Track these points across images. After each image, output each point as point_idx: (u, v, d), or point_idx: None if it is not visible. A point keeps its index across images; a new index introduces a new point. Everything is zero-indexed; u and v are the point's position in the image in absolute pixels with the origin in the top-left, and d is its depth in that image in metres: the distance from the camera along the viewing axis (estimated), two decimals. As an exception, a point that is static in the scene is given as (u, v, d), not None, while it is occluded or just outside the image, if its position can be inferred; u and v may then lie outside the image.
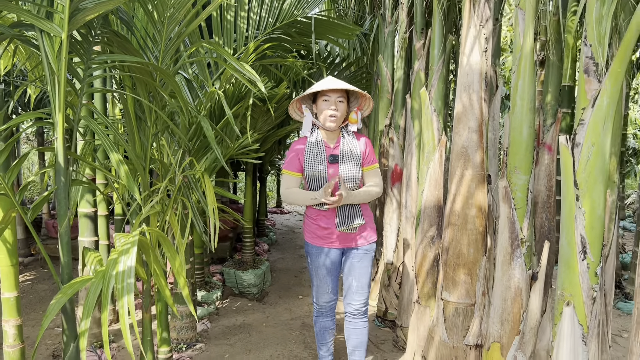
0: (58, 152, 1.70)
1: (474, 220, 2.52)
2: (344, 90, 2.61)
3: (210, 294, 4.40)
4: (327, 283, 2.76)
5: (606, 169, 1.63)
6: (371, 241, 2.73)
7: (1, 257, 2.28)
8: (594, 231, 1.65)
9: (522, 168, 2.05)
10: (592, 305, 1.69)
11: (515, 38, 2.02)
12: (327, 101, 2.58)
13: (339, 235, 2.65)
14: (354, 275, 2.72)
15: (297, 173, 2.66)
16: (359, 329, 2.78)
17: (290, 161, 2.69)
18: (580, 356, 1.70)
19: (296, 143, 2.73)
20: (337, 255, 2.72)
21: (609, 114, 1.59)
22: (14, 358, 2.38)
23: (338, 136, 2.69)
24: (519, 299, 2.11)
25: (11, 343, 2.38)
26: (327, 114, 2.58)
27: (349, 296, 2.76)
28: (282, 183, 2.74)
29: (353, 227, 2.61)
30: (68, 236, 1.77)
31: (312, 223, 2.72)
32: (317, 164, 2.61)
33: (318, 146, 2.64)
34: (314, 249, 2.72)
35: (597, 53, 1.57)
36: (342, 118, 2.63)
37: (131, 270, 1.58)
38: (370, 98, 2.65)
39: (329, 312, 2.86)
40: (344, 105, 2.61)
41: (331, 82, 2.58)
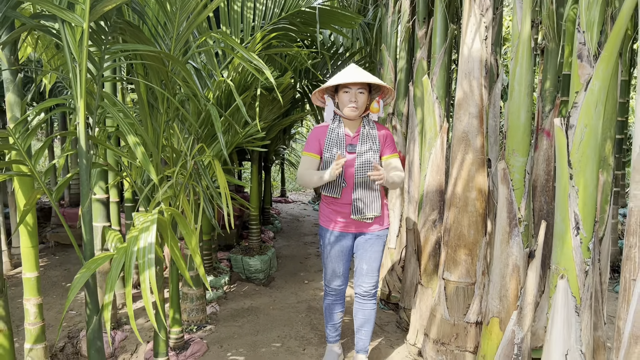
0: (80, 136, 1.80)
1: (475, 202, 2.61)
2: (364, 82, 2.65)
3: (218, 279, 4.51)
4: (339, 266, 2.85)
5: (598, 149, 1.73)
6: (384, 227, 2.82)
7: (23, 239, 2.39)
8: (586, 208, 1.75)
9: (520, 150, 2.15)
10: (584, 278, 1.79)
11: (513, 26, 2.11)
12: (347, 92, 2.65)
13: (353, 221, 2.75)
14: (365, 259, 2.81)
15: (316, 155, 2.76)
16: (368, 310, 2.89)
17: (310, 144, 2.78)
18: (574, 326, 1.81)
19: (318, 127, 2.82)
20: (350, 239, 2.82)
21: (601, 97, 1.68)
22: (35, 335, 2.49)
23: (359, 125, 2.76)
24: (516, 275, 2.22)
25: (32, 321, 2.49)
26: (346, 105, 2.65)
27: (360, 278, 2.86)
28: (301, 164, 2.82)
29: (367, 217, 2.70)
30: (90, 215, 1.87)
31: (327, 207, 2.82)
32: (336, 151, 2.69)
33: (338, 134, 2.72)
34: (328, 232, 2.82)
35: (589, 39, 1.66)
36: (363, 108, 2.70)
37: (152, 246, 1.68)
38: (391, 88, 2.71)
39: (339, 295, 2.96)
40: (364, 96, 2.67)
41: (353, 72, 2.62)
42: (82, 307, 4.10)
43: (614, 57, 1.64)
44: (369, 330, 2.94)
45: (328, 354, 3.07)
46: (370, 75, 2.60)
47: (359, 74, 2.61)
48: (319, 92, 2.82)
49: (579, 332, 1.81)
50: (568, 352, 1.82)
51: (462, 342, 2.67)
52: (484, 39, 2.56)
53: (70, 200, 6.31)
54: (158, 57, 2.32)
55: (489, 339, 2.29)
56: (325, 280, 2.94)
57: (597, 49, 1.67)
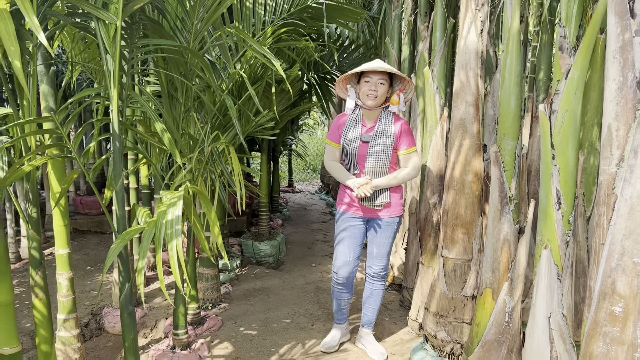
0: (114, 121, 2.01)
1: (471, 185, 2.81)
2: (385, 73, 2.80)
3: (230, 262, 4.74)
4: (349, 250, 2.99)
5: (577, 132, 1.92)
6: (394, 215, 2.95)
7: (56, 218, 2.61)
8: (567, 185, 1.95)
9: (510, 135, 2.35)
10: (565, 248, 1.99)
11: (504, 21, 2.30)
12: (368, 82, 2.79)
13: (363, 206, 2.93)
14: (376, 243, 3.01)
15: (336, 144, 2.97)
16: (376, 290, 3.11)
17: (332, 133, 2.99)
18: (556, 291, 2.01)
19: (340, 116, 3.00)
20: (361, 223, 2.99)
21: (580, 85, 1.87)
22: (67, 306, 2.72)
23: (377, 117, 2.89)
24: (507, 249, 2.42)
25: (64, 293, 2.71)
26: (366, 93, 2.79)
27: (370, 260, 3.07)
28: (325, 153, 3.04)
29: (376, 204, 2.86)
30: (122, 193, 2.09)
31: (343, 190, 3.01)
32: (352, 141, 2.86)
33: (356, 124, 2.89)
34: (341, 214, 3.01)
35: (568, 33, 1.85)
36: (382, 98, 2.82)
37: (178, 218, 1.90)
38: (412, 81, 2.83)
39: (347, 284, 3.09)
40: (385, 87, 2.80)
41: (376, 64, 2.76)
42: (104, 286, 4.34)
43: (591, 49, 1.83)
44: (376, 307, 3.13)
45: (334, 329, 3.26)
46: (391, 67, 2.76)
47: (381, 64, 2.76)
48: (342, 82, 2.95)
49: (561, 297, 2.02)
50: (551, 315, 2.02)
51: (460, 314, 2.88)
52: (479, 32, 2.74)
53: (87, 189, 6.55)
54: (178, 50, 2.53)
55: (482, 308, 2.50)
56: (334, 267, 3.07)
57: (576, 42, 1.87)
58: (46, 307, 2.38)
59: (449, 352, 2.91)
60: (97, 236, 5.96)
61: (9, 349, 2.04)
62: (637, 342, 1.59)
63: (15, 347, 2.06)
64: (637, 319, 1.58)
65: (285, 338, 3.36)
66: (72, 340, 2.75)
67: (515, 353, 2.40)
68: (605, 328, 1.62)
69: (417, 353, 3.05)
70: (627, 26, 1.52)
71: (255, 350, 3.19)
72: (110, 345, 3.39)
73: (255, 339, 3.35)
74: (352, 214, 2.98)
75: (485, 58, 2.87)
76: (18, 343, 2.07)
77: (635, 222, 1.55)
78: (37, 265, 2.34)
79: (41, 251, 2.36)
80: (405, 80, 2.86)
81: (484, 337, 2.46)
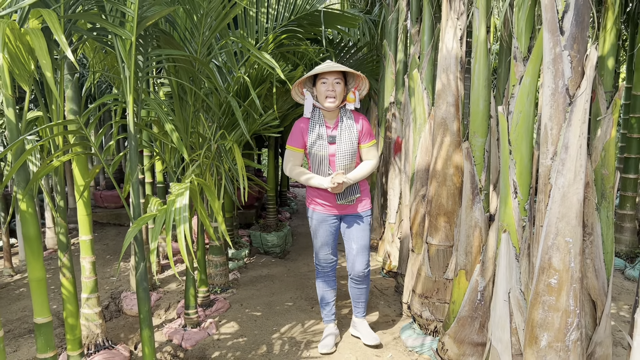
0: (129, 123, 2.34)
1: (452, 177, 3.10)
2: (340, 72, 2.90)
3: (239, 252, 5.08)
4: (328, 246, 3.15)
5: (530, 130, 2.20)
6: (366, 208, 3.11)
7: (80, 208, 2.94)
8: (522, 177, 2.22)
9: (480, 132, 2.63)
10: (522, 232, 2.27)
11: (473, 31, 2.58)
12: (325, 83, 2.87)
13: (337, 204, 3.04)
14: (353, 238, 3.11)
15: (300, 149, 3.01)
16: (363, 288, 3.23)
17: (294, 138, 3.02)
18: (514, 270, 2.29)
19: (299, 122, 3.03)
20: (336, 221, 3.13)
21: (531, 89, 2.15)
22: (90, 286, 3.06)
23: (337, 116, 3.00)
24: (479, 235, 2.70)
25: (87, 275, 3.06)
26: (325, 95, 2.88)
27: (352, 259, 3.13)
28: (285, 159, 3.05)
29: (351, 199, 3.01)
30: (138, 184, 2.41)
31: (313, 191, 3.10)
32: (320, 145, 2.94)
33: (320, 125, 2.95)
34: (315, 214, 3.12)
35: (520, 45, 2.13)
36: (340, 98, 2.92)
37: (186, 206, 2.22)
38: (365, 78, 2.97)
39: (330, 271, 3.24)
40: (341, 87, 2.90)
41: (327, 65, 2.87)
42: (122, 273, 4.70)
43: (540, 58, 2.10)
44: (365, 300, 3.29)
45: (326, 333, 3.29)
46: (343, 66, 2.88)
47: (333, 65, 2.86)
48: (298, 87, 3.01)
49: (519, 274, 2.29)
50: (510, 290, 2.31)
51: (442, 295, 3.17)
52: (459, 39, 3.02)
53: (105, 184, 6.94)
54: (187, 59, 2.85)
55: (457, 287, 2.79)
56: (316, 256, 3.21)
57: (527, 52, 2.14)
58: (72, 285, 2.72)
59: (432, 329, 3.20)
60: (116, 228, 6.35)
61: (42, 318, 2.38)
62: (570, 309, 1.87)
63: (47, 317, 2.40)
64: (569, 289, 1.86)
65: (286, 318, 3.68)
66: (95, 317, 3.10)
67: (487, 327, 2.69)
68: (544, 297, 1.91)
69: (405, 331, 3.35)
70: (557, 41, 1.80)
71: (259, 329, 3.51)
72: (128, 325, 3.74)
73: (260, 319, 3.67)
74: (325, 213, 3.09)
75: (465, 62, 3.14)
76: (50, 314, 2.41)
77: (566, 207, 1.83)
78: (65, 249, 2.68)
79: (68, 237, 2.70)
80: (358, 77, 2.96)
81: (459, 314, 2.75)
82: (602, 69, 2.43)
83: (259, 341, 3.32)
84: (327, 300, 3.30)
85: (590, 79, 1.77)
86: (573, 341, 1.87)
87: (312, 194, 3.13)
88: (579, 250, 1.86)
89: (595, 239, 2.41)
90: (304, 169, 3.07)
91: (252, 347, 3.24)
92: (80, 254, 2.99)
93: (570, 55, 1.79)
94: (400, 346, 3.26)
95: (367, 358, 3.10)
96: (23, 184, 2.22)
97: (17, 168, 2.17)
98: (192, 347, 3.29)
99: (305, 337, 3.38)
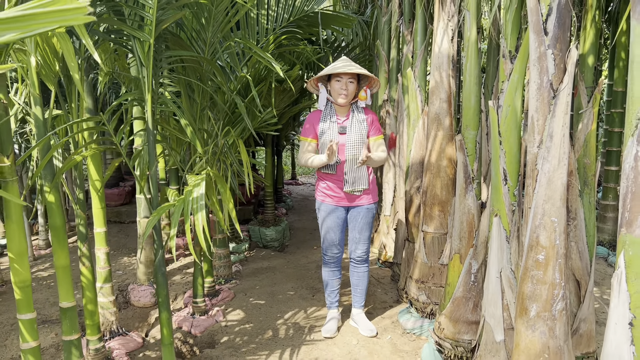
0: (148, 119, 2.51)
1: (445, 169, 3.30)
2: (354, 73, 3.10)
3: (239, 246, 5.25)
4: (335, 236, 3.30)
5: (518, 122, 2.40)
6: (372, 201, 3.29)
7: (94, 202, 3.10)
8: (511, 165, 2.43)
9: (471, 126, 2.83)
10: (512, 216, 2.48)
11: (464, 32, 2.78)
12: (339, 82, 3.10)
13: (345, 195, 3.25)
14: (357, 229, 3.31)
15: (312, 139, 3.23)
16: (361, 272, 3.44)
17: (307, 129, 3.25)
18: (505, 251, 2.50)
19: (313, 114, 3.27)
20: (343, 212, 3.30)
21: (519, 85, 2.35)
22: (104, 276, 3.23)
23: (348, 110, 3.21)
24: (472, 221, 2.91)
25: (102, 265, 3.22)
26: (338, 92, 3.11)
27: (353, 246, 3.37)
28: (300, 148, 3.28)
29: (358, 189, 3.20)
30: (156, 177, 2.58)
31: (322, 183, 3.30)
32: (330, 133, 3.14)
33: (331, 118, 3.17)
34: (323, 206, 3.30)
35: (508, 44, 2.34)
36: (352, 95, 3.14)
37: (202, 196, 2.40)
38: (377, 79, 3.18)
39: (335, 262, 3.42)
40: (354, 85, 3.11)
41: (343, 64, 3.06)
42: (127, 267, 4.86)
43: (527, 56, 2.31)
44: (364, 289, 3.48)
45: (329, 318, 3.49)
46: (359, 67, 3.10)
47: (349, 65, 3.05)
48: (313, 81, 3.24)
49: (509, 255, 2.50)
50: (502, 270, 2.51)
51: (437, 279, 3.37)
52: (450, 40, 3.22)
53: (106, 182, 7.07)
54: (196, 60, 3.03)
55: (452, 270, 2.99)
56: (323, 249, 3.40)
57: (515, 51, 2.34)
58: (91, 274, 2.88)
59: (429, 312, 3.41)
60: (117, 225, 6.49)
61: (67, 303, 2.55)
62: (556, 282, 2.08)
63: (72, 302, 2.57)
64: (555, 264, 2.07)
65: (289, 306, 3.87)
66: (109, 305, 3.27)
67: (480, 306, 2.89)
68: (532, 272, 2.11)
69: (403, 315, 3.55)
70: (542, 41, 2.00)
71: (264, 315, 3.70)
72: (136, 316, 3.90)
73: (264, 307, 3.86)
74: (333, 204, 3.28)
75: (457, 61, 3.35)
76: (74, 299, 2.58)
77: (552, 190, 2.04)
78: (84, 239, 2.84)
79: (87, 228, 2.86)
80: (370, 77, 3.17)
81: (454, 295, 2.95)
82: (583, 66, 2.64)
83: (265, 327, 3.51)
84: (332, 288, 3.48)
85: (572, 75, 1.98)
86: (559, 311, 2.08)
87: (321, 186, 3.31)
88: (563, 229, 2.06)
89: (579, 223, 2.62)
90: (311, 154, 3.25)
91: (258, 332, 3.42)
92: (95, 246, 3.15)
93: (553, 54, 1.99)
94: (399, 329, 3.46)
95: (368, 340, 3.30)
96: (50, 177, 2.38)
97: (45, 163, 2.34)
98: (201, 334, 3.47)
99: (309, 322, 3.56)
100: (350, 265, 3.49)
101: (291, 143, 10.11)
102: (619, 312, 1.66)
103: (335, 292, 3.50)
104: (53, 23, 0.64)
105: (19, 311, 2.19)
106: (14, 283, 2.14)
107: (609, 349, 1.72)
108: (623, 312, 1.65)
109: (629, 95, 1.61)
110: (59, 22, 0.64)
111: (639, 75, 1.55)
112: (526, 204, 2.16)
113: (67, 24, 0.66)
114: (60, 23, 0.65)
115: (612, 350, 1.70)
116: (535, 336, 2.12)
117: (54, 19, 0.64)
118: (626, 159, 1.62)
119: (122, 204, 6.85)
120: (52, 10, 0.63)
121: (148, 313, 3.89)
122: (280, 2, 4.01)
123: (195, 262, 3.50)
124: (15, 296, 2.17)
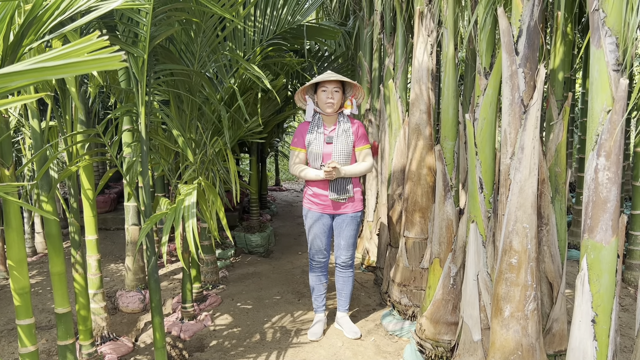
0: (141, 130, 2.62)
1: (426, 177, 3.45)
2: (339, 81, 3.23)
3: (225, 252, 5.35)
4: (321, 242, 3.42)
5: (493, 134, 2.56)
6: (357, 210, 3.39)
7: (86, 210, 3.18)
8: (487, 174, 2.59)
9: (450, 137, 2.99)
10: (488, 222, 2.64)
11: (442, 48, 2.94)
12: (325, 91, 3.21)
13: (331, 203, 3.35)
14: (342, 236, 3.43)
15: (302, 149, 3.35)
16: (345, 277, 3.56)
17: (297, 140, 3.37)
18: (481, 255, 2.65)
19: (302, 125, 3.39)
20: (329, 220, 3.41)
21: (493, 99, 2.51)
22: (96, 282, 3.31)
23: (336, 120, 3.32)
24: (451, 226, 3.06)
25: (94, 272, 3.30)
26: (324, 102, 3.23)
27: (338, 252, 3.48)
28: (290, 158, 3.39)
29: (343, 197, 3.32)
30: (148, 188, 2.69)
31: (309, 190, 3.42)
32: (317, 144, 3.25)
33: (318, 128, 3.28)
34: (310, 213, 3.42)
35: (483, 62, 2.50)
36: (338, 105, 3.25)
37: (194, 204, 2.51)
38: (361, 87, 3.29)
39: (322, 267, 3.54)
40: (340, 94, 3.23)
41: (328, 75, 3.18)
42: (114, 274, 4.92)
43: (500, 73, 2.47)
44: (348, 293, 3.60)
45: (315, 321, 3.60)
46: (342, 76, 3.23)
47: (334, 74, 3.18)
48: (300, 93, 3.35)
49: (485, 259, 2.65)
50: (478, 273, 2.66)
51: (418, 283, 3.52)
52: (430, 54, 3.38)
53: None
54: (185, 72, 3.14)
55: (433, 274, 3.14)
56: (310, 255, 3.51)
57: (489, 68, 2.51)
58: (84, 280, 2.97)
59: (410, 314, 3.55)
60: (103, 232, 6.53)
61: (62, 309, 2.63)
62: (528, 284, 2.23)
63: (67, 307, 2.65)
64: (527, 267, 2.22)
65: (276, 310, 3.98)
66: (101, 311, 3.35)
67: (459, 308, 3.04)
68: (506, 275, 2.26)
69: (386, 318, 3.69)
70: (513, 60, 2.16)
71: (251, 320, 3.80)
72: (125, 322, 3.97)
73: (251, 311, 3.96)
74: (321, 212, 3.38)
75: (436, 75, 3.51)
76: (69, 305, 2.66)
77: (523, 198, 2.19)
78: (77, 247, 2.93)
79: (80, 235, 2.95)
80: (355, 86, 3.30)
81: (434, 297, 3.10)
82: (554, 81, 2.82)
83: (252, 330, 3.61)
84: (319, 292, 3.60)
85: (541, 92, 2.14)
86: (531, 311, 2.24)
87: (308, 193, 3.43)
88: (534, 234, 2.22)
89: (551, 228, 2.79)
90: (303, 165, 3.38)
91: (246, 336, 3.53)
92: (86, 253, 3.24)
93: (524, 72, 2.16)
94: (382, 331, 3.60)
95: (352, 342, 3.43)
96: (47, 187, 2.47)
97: (42, 173, 2.43)
98: (190, 338, 3.56)
99: (295, 326, 3.68)
100: (335, 270, 3.61)
101: (275, 150, 10.22)
102: (583, 310, 1.82)
103: (322, 296, 3.62)
104: (91, 69, 0.76)
105: (18, 317, 2.27)
106: (14, 290, 2.23)
107: (574, 344, 1.87)
108: (586, 310, 1.81)
109: (589, 113, 1.77)
110: (96, 68, 0.76)
111: (597, 96, 1.71)
112: (500, 211, 2.31)
113: (104, 69, 0.78)
114: (97, 69, 0.77)
115: (577, 345, 1.85)
116: (509, 335, 2.27)
117: (92, 66, 0.76)
118: (587, 171, 1.78)
119: (107, 210, 6.89)
120: (91, 59, 0.74)
121: (137, 318, 3.97)
122: (267, 14, 4.13)
123: (184, 268, 3.59)
124: (15, 302, 2.25)
